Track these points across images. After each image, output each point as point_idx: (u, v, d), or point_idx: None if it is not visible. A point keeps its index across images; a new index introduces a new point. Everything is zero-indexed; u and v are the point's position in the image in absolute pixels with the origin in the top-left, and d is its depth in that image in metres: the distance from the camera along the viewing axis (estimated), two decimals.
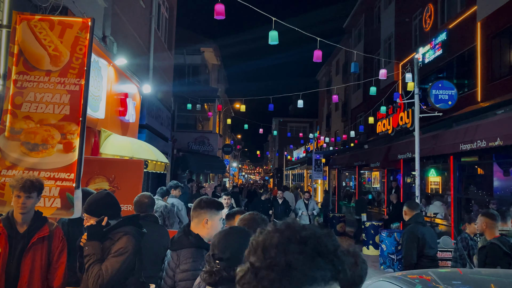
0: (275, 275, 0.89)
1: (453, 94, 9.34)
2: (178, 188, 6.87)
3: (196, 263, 2.54)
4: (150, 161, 7.50)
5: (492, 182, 10.49)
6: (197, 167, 19.40)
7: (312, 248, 0.92)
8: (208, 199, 2.88)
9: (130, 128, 8.87)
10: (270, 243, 0.93)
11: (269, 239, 0.94)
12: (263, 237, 0.95)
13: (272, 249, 0.92)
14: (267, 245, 0.93)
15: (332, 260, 0.92)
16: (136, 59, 9.17)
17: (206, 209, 2.77)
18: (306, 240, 0.93)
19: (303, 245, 0.92)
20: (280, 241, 0.93)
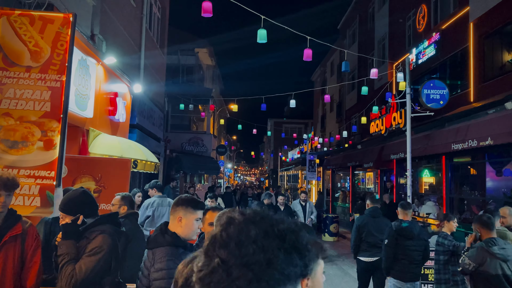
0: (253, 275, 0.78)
1: (444, 94, 9.32)
2: (154, 188, 6.66)
3: (171, 261, 2.48)
4: (139, 161, 7.42)
5: (484, 182, 10.49)
6: (191, 168, 19.30)
7: (290, 244, 0.83)
8: (188, 197, 2.82)
9: (120, 127, 8.79)
10: (246, 237, 0.81)
11: (244, 233, 0.81)
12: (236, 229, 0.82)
13: (249, 244, 0.80)
14: (243, 240, 0.80)
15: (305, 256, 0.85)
16: (126, 58, 9.09)
17: (181, 207, 2.70)
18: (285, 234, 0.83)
19: (281, 240, 0.82)
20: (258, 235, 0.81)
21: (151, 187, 6.60)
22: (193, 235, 2.73)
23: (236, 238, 0.81)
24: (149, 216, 6.12)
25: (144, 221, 6.12)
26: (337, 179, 21.82)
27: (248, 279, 0.77)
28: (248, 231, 0.82)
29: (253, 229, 0.82)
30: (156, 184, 6.59)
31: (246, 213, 0.87)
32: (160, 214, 6.19)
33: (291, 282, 0.82)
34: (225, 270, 0.79)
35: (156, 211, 6.19)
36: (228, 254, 0.80)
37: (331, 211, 18.79)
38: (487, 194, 10.25)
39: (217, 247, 0.82)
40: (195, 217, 2.72)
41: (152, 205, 6.23)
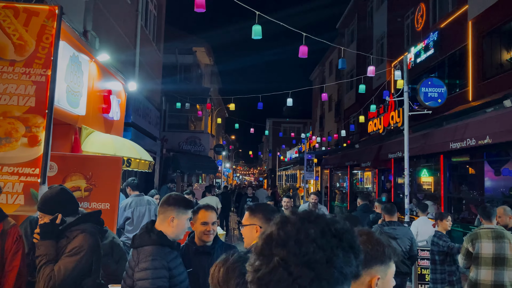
0: (314, 274, 0.79)
1: (442, 92, 9.23)
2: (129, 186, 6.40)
3: (156, 261, 2.38)
4: (133, 159, 7.31)
5: (483, 181, 10.40)
6: (188, 168, 19.19)
7: (347, 244, 0.84)
8: (178, 196, 2.72)
9: (114, 126, 8.67)
10: (305, 235, 0.82)
11: (303, 231, 0.82)
12: (293, 228, 0.83)
13: (309, 243, 0.81)
14: (302, 238, 0.81)
15: (358, 257, 0.86)
16: (121, 56, 8.98)
17: (174, 207, 2.61)
18: (341, 234, 0.85)
19: (339, 239, 0.83)
20: (316, 234, 0.82)
21: (128, 185, 6.40)
22: (182, 234, 2.64)
23: (295, 236, 0.82)
24: (128, 218, 5.96)
25: (124, 224, 5.98)
26: (335, 178, 21.73)
27: (310, 278, 0.78)
28: (306, 230, 0.83)
29: (311, 228, 0.83)
30: (131, 183, 6.39)
31: (300, 213, 0.89)
32: (140, 214, 6.01)
33: (347, 282, 0.83)
34: (285, 268, 0.79)
35: (135, 211, 6.02)
36: (287, 253, 0.80)
37: (329, 210, 18.70)
38: (485, 193, 10.17)
39: (274, 246, 0.82)
40: (187, 217, 2.65)
41: (130, 205, 6.05)
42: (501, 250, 4.23)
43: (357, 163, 15.37)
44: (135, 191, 6.42)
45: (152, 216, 6.48)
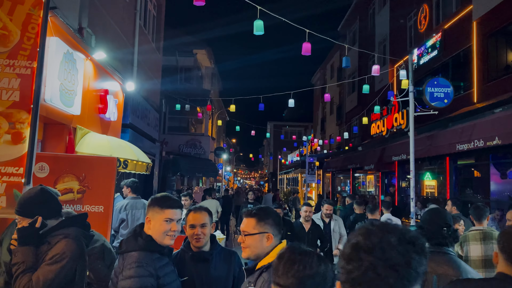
0: (397, 274, 0.99)
1: (449, 92, 8.98)
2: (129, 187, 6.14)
3: (141, 268, 2.13)
4: (130, 161, 7.06)
5: (489, 184, 10.14)
6: (188, 170, 18.95)
7: (420, 248, 1.04)
8: (159, 194, 2.47)
9: (111, 127, 8.44)
10: (387, 244, 1.01)
11: (385, 241, 1.02)
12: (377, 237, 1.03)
13: (391, 250, 1.01)
14: (385, 246, 1.01)
15: (426, 257, 1.05)
16: (118, 55, 8.76)
17: (150, 207, 2.36)
18: (414, 241, 1.04)
19: (413, 245, 1.03)
20: (395, 242, 1.02)
21: (127, 186, 6.15)
22: (163, 238, 2.34)
23: (379, 245, 1.01)
24: (124, 220, 5.71)
25: (119, 226, 5.73)
26: (337, 182, 21.45)
27: (395, 278, 0.98)
28: (387, 239, 1.02)
29: (391, 237, 1.03)
30: (132, 184, 6.15)
31: (378, 224, 1.08)
32: (135, 218, 5.76)
33: (420, 279, 1.03)
34: (374, 271, 0.99)
35: (129, 214, 5.77)
36: (374, 258, 0.99)
37: None
38: (491, 197, 9.90)
39: (362, 253, 1.01)
40: (164, 217, 2.33)
41: (125, 208, 5.80)
42: (490, 251, 4.14)
43: (359, 166, 15.11)
44: (134, 193, 6.19)
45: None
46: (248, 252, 2.21)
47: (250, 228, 2.22)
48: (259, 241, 2.20)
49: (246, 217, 2.26)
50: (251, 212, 2.27)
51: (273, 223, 2.25)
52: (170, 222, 2.35)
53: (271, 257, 2.10)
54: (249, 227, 2.22)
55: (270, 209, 2.32)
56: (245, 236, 2.21)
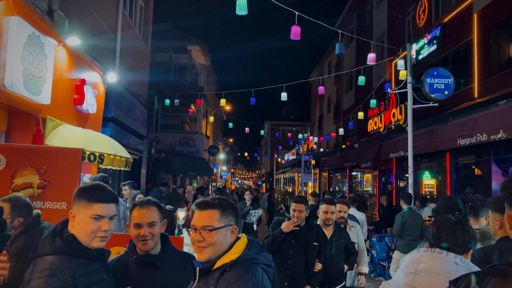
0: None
1: (449, 83, 8.49)
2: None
3: (53, 278, 1.64)
4: (106, 155, 6.55)
5: (490, 181, 9.64)
6: (180, 169, 18.43)
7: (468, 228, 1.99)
8: (87, 183, 1.96)
9: (90, 119, 7.93)
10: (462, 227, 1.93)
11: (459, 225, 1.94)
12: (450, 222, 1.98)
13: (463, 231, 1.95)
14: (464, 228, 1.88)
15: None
16: (98, 43, 8.25)
17: (75, 198, 1.86)
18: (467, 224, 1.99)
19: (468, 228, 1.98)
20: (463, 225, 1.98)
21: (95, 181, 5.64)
22: (91, 240, 1.85)
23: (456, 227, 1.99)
24: None
25: None
26: (334, 181, 20.96)
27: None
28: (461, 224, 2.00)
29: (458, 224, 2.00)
30: (101, 179, 5.65)
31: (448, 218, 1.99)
32: None
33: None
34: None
35: None
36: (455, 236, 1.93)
37: None
38: (493, 195, 9.41)
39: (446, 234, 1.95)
40: (91, 213, 1.84)
41: None
42: None
43: (356, 164, 14.61)
44: None
45: (120, 218, 5.74)
46: (210, 252, 1.76)
47: (214, 221, 1.78)
48: (225, 236, 1.79)
49: (206, 209, 1.80)
50: (213, 203, 1.82)
51: (234, 214, 1.87)
52: (99, 220, 1.85)
53: (234, 253, 1.74)
54: (213, 220, 1.78)
55: (225, 199, 1.87)
56: (210, 232, 1.75)
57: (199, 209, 1.80)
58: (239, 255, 1.73)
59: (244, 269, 1.66)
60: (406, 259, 1.99)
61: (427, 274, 1.83)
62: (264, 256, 1.77)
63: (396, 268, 6.70)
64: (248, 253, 1.75)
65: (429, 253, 1.90)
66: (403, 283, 1.90)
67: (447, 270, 1.79)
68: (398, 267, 6.56)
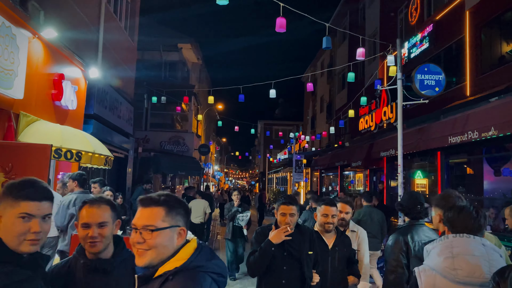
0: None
1: (440, 80, 8.30)
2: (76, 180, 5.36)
3: None
4: (84, 153, 6.27)
5: (484, 180, 9.47)
6: (170, 169, 18.15)
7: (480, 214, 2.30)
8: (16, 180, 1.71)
9: (70, 116, 7.65)
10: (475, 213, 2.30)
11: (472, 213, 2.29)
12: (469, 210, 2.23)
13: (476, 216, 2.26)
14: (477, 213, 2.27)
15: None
16: (78, 37, 7.96)
17: (1, 197, 1.62)
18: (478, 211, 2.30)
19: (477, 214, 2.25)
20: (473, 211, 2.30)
21: (73, 179, 5.41)
22: (19, 244, 1.60)
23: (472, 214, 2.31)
24: (73, 216, 4.97)
25: (68, 224, 4.98)
26: (325, 181, 20.78)
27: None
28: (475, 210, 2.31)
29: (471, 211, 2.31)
30: (78, 177, 5.42)
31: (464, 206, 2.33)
32: None
33: None
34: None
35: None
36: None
37: None
38: (485, 194, 9.25)
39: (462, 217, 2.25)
40: (18, 212, 1.60)
41: (75, 203, 5.08)
42: None
43: (347, 163, 14.42)
44: (81, 187, 5.46)
45: None
46: (152, 256, 1.50)
47: (157, 220, 1.52)
48: (170, 238, 1.53)
49: (150, 206, 1.55)
50: (157, 199, 1.56)
51: (184, 214, 1.61)
52: (28, 220, 1.60)
53: (179, 260, 1.49)
54: (156, 219, 1.52)
55: (173, 196, 1.61)
56: (152, 233, 1.49)
57: (142, 206, 1.55)
58: (185, 262, 1.48)
59: (189, 278, 1.42)
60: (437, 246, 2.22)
61: (464, 256, 2.09)
62: (214, 264, 1.52)
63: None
64: (195, 259, 1.50)
65: (458, 239, 2.17)
66: (443, 266, 2.11)
67: (479, 251, 2.09)
68: None
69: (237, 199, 8.49)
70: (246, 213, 8.35)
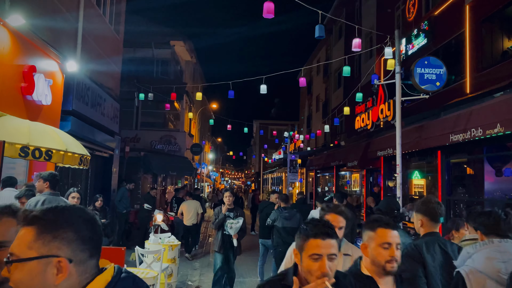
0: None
1: (441, 74, 7.82)
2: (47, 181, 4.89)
3: None
4: (55, 151, 5.74)
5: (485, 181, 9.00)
6: (161, 169, 17.59)
7: None
8: None
9: (45, 112, 7.11)
10: None
11: None
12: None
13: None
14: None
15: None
16: (55, 27, 7.41)
17: None
18: None
19: None
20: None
21: (44, 179, 4.90)
22: None
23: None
24: None
25: None
26: (321, 181, 20.30)
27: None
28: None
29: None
30: (50, 177, 4.90)
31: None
32: None
33: None
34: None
35: None
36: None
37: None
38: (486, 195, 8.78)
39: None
40: None
41: (43, 204, 4.56)
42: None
43: (343, 163, 13.93)
44: (52, 189, 4.95)
45: None
46: None
47: (21, 247, 1.04)
48: (38, 275, 1.04)
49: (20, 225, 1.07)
50: (26, 216, 1.06)
51: (74, 239, 1.08)
52: None
53: None
54: (20, 244, 1.05)
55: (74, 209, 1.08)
56: (11, 265, 1.03)
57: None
58: None
59: None
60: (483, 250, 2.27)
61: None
62: None
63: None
64: None
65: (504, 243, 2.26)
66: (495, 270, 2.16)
67: None
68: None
69: (229, 202, 6.65)
70: (238, 219, 6.63)
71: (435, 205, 2.95)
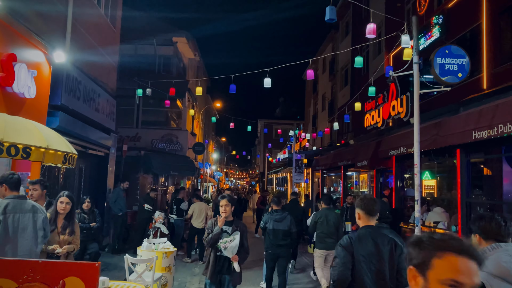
0: None
1: (464, 64, 7.15)
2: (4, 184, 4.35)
3: None
4: (34, 148, 5.14)
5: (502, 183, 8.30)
6: (162, 169, 17.01)
7: None
8: None
9: (28, 106, 6.52)
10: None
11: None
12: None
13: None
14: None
15: None
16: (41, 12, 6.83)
17: None
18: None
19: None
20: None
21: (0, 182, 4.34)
22: None
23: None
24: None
25: None
26: (327, 182, 19.63)
27: None
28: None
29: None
30: (9, 179, 4.34)
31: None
32: (19, 225, 3.99)
33: None
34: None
35: (10, 218, 3.98)
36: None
37: None
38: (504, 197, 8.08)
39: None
40: None
41: (5, 210, 4.01)
42: None
43: (351, 162, 13.26)
44: (14, 191, 4.36)
45: (38, 229, 4.36)
46: None
47: None
48: None
49: None
50: None
51: None
52: None
53: None
54: None
55: None
56: None
57: None
58: None
59: None
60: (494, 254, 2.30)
61: None
62: None
63: (320, 264, 7.37)
64: None
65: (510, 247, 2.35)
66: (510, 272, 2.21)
67: None
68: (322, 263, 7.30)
69: (227, 213, 4.86)
70: (233, 236, 4.78)
71: (370, 201, 3.35)
